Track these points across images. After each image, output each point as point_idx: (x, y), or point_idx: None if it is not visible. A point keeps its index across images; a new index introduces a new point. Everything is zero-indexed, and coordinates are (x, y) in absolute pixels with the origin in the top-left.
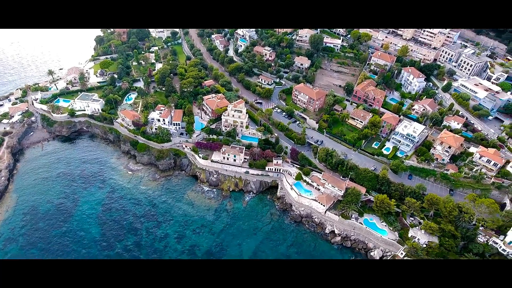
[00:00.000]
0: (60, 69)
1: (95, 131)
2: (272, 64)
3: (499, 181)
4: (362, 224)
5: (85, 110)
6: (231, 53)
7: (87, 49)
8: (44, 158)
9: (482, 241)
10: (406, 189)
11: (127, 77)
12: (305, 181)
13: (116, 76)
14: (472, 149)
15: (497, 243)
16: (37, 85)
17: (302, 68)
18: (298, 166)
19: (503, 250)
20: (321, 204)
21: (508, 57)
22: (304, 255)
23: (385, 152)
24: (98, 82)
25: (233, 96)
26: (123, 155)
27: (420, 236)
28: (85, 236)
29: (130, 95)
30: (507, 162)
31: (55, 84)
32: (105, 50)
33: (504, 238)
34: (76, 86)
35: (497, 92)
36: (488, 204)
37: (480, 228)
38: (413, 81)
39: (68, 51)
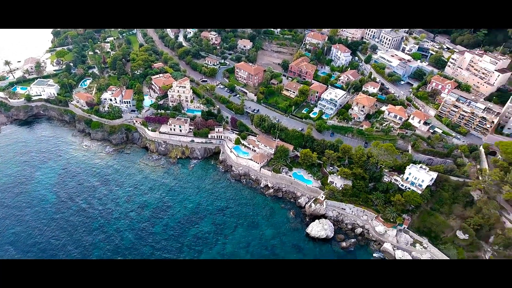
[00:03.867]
0: (18, 61)
1: (52, 113)
2: (218, 47)
3: (403, 131)
4: (291, 176)
5: (41, 95)
6: (181, 39)
7: (45, 42)
8: (1, 139)
9: (387, 180)
10: (327, 143)
11: (82, 65)
12: (243, 144)
13: (71, 64)
14: (383, 108)
15: (397, 181)
16: None
17: (245, 49)
18: (237, 132)
19: (402, 185)
20: (256, 162)
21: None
22: (241, 206)
23: (312, 116)
24: (54, 70)
25: (180, 75)
26: (78, 133)
27: (337, 181)
28: (41, 199)
29: (85, 81)
30: (409, 116)
31: (12, 74)
32: (61, 41)
33: (402, 175)
34: (32, 74)
35: (408, 61)
36: (386, 146)
37: (385, 170)
38: (341, 56)
39: (25, 45)
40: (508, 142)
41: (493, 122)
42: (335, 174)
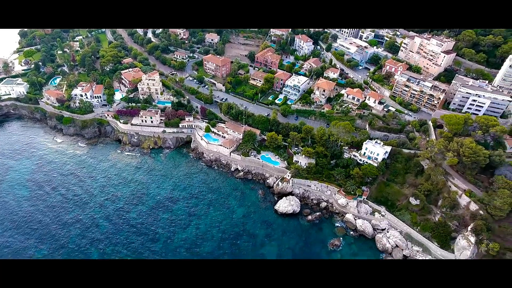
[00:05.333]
0: None
1: (22, 112)
2: (186, 41)
3: (360, 112)
4: (259, 159)
5: (10, 94)
6: (149, 35)
7: (11, 43)
8: None
9: (347, 156)
10: (291, 126)
11: (52, 64)
12: (213, 131)
13: (40, 63)
14: (343, 91)
15: (356, 156)
16: None
17: (213, 43)
18: (206, 121)
19: (360, 160)
20: (226, 147)
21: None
22: (213, 190)
23: (278, 102)
24: (22, 70)
25: (149, 69)
26: (50, 129)
27: (301, 160)
28: (18, 190)
29: (55, 79)
30: (366, 97)
31: None
32: (29, 42)
33: (360, 151)
34: (0, 74)
35: (365, 47)
36: (344, 125)
37: (345, 147)
38: (304, 46)
39: None
40: (452, 114)
41: (439, 98)
42: (299, 153)
